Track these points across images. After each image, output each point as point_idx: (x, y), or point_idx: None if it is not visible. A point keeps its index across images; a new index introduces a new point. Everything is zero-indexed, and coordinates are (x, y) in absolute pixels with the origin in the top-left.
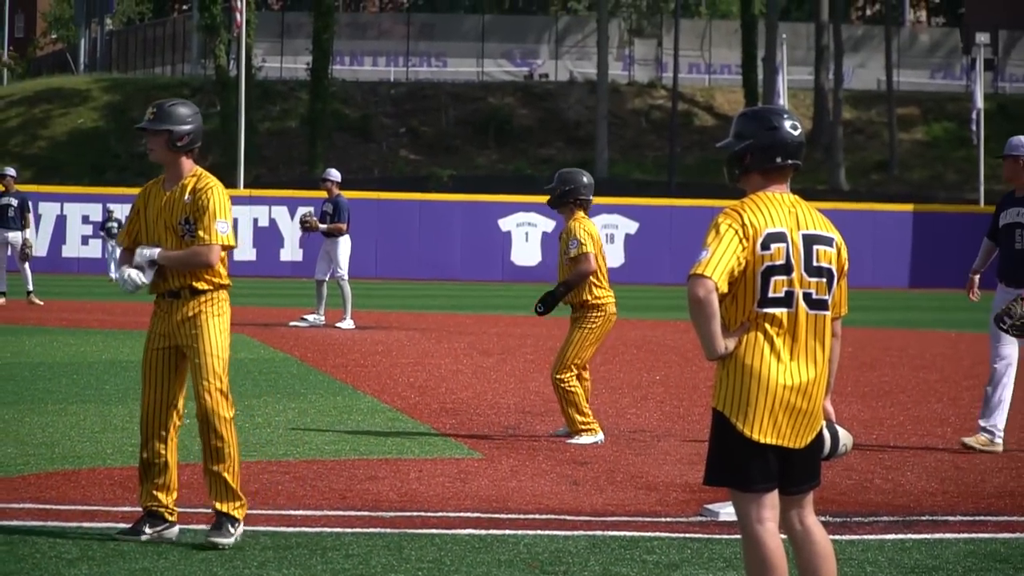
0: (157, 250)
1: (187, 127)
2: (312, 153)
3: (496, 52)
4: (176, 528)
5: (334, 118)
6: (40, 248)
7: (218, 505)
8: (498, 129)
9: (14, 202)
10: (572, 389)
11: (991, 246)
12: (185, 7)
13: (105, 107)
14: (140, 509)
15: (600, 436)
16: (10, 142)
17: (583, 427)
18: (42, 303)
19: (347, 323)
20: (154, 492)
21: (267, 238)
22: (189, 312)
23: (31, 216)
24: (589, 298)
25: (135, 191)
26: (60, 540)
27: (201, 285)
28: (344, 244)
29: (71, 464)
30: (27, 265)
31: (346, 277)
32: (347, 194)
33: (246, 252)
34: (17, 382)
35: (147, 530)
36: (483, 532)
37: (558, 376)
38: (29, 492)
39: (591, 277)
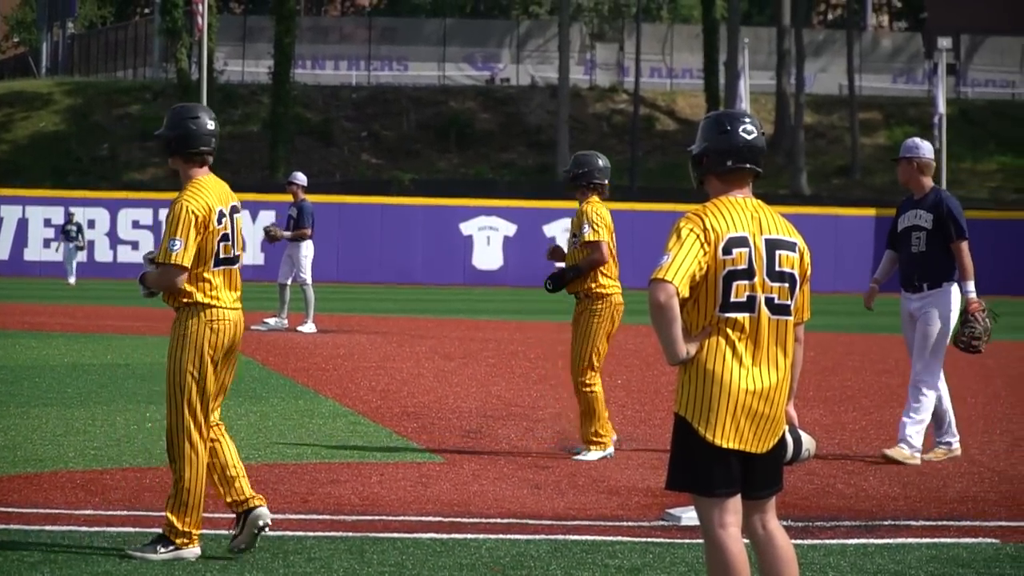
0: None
1: (160, 131)
2: (274, 157)
3: (458, 56)
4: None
5: (295, 122)
6: (1, 251)
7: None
8: (459, 133)
9: None
10: (595, 393)
11: (893, 255)
12: (147, 11)
13: (67, 110)
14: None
15: (611, 450)
16: None
17: (595, 440)
18: None
19: (309, 327)
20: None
21: None
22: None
23: None
24: (594, 286)
25: (97, 195)
26: (22, 544)
27: (170, 302)
28: (307, 248)
29: (33, 468)
30: None
31: (309, 281)
32: (309, 198)
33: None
34: None
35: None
36: (445, 536)
37: (582, 380)
38: None
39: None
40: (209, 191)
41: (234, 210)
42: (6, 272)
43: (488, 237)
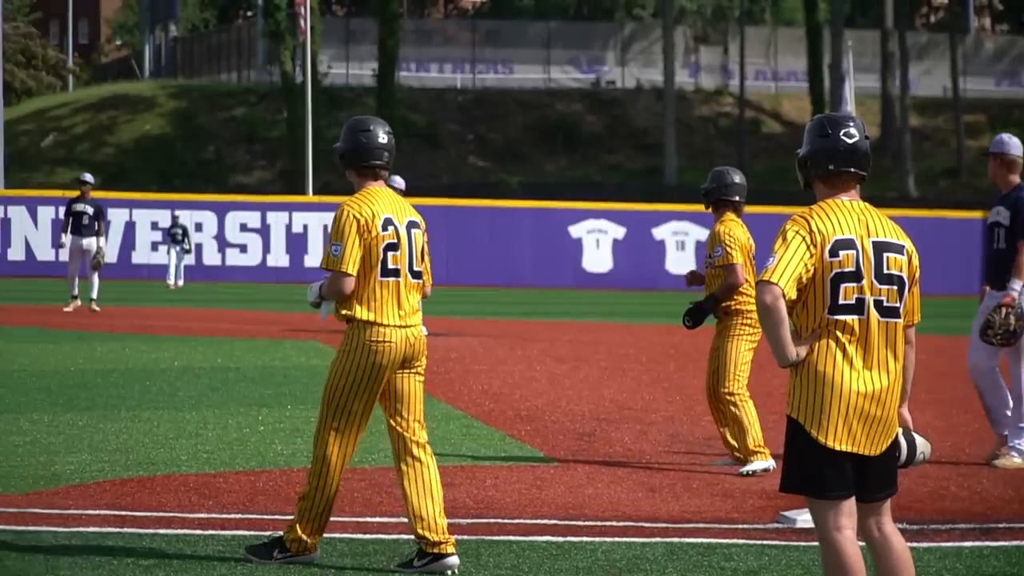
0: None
1: (337, 144)
2: None
3: (562, 59)
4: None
5: (401, 125)
6: (110, 254)
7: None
8: (566, 136)
9: (90, 210)
10: (744, 404)
11: None
12: (250, 13)
13: (171, 113)
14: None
15: (771, 462)
16: (77, 148)
17: (755, 451)
18: (99, 311)
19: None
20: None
21: None
22: None
23: (104, 224)
24: (733, 304)
25: (203, 198)
26: (137, 547)
27: (339, 315)
28: None
29: (145, 471)
30: (96, 273)
31: None
32: (415, 200)
33: (316, 259)
34: (90, 389)
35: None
36: (560, 539)
37: (726, 390)
38: (104, 499)
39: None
40: (375, 199)
41: (412, 225)
42: (114, 275)
43: (597, 240)
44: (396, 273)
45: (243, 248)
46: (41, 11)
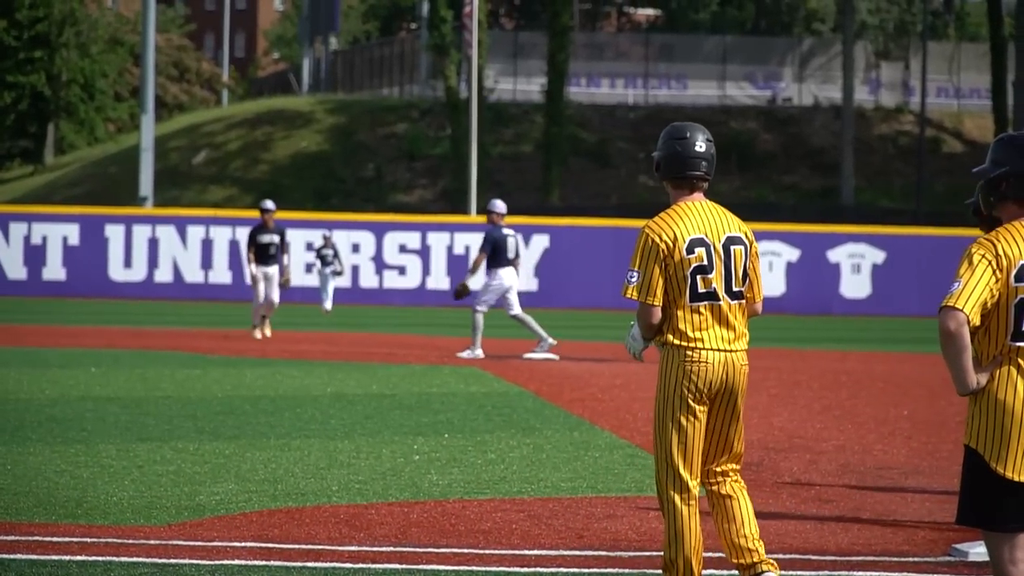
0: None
1: (655, 153)
2: (547, 178)
3: (738, 75)
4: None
5: (570, 142)
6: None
7: None
8: (740, 154)
9: (276, 239)
10: None
11: None
12: (413, 26)
13: (329, 129)
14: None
15: None
16: (231, 165)
17: None
18: (270, 335)
19: (475, 352)
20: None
21: None
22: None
23: (286, 244)
24: None
25: (361, 217)
26: None
27: (658, 339)
28: (490, 276)
29: (295, 501)
30: (276, 301)
31: (482, 309)
32: (583, 221)
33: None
34: (238, 416)
35: None
36: (726, 572)
37: None
38: (251, 530)
39: None
40: (684, 218)
41: (733, 241)
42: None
43: (771, 262)
44: (710, 296)
45: (402, 270)
46: (196, 23)
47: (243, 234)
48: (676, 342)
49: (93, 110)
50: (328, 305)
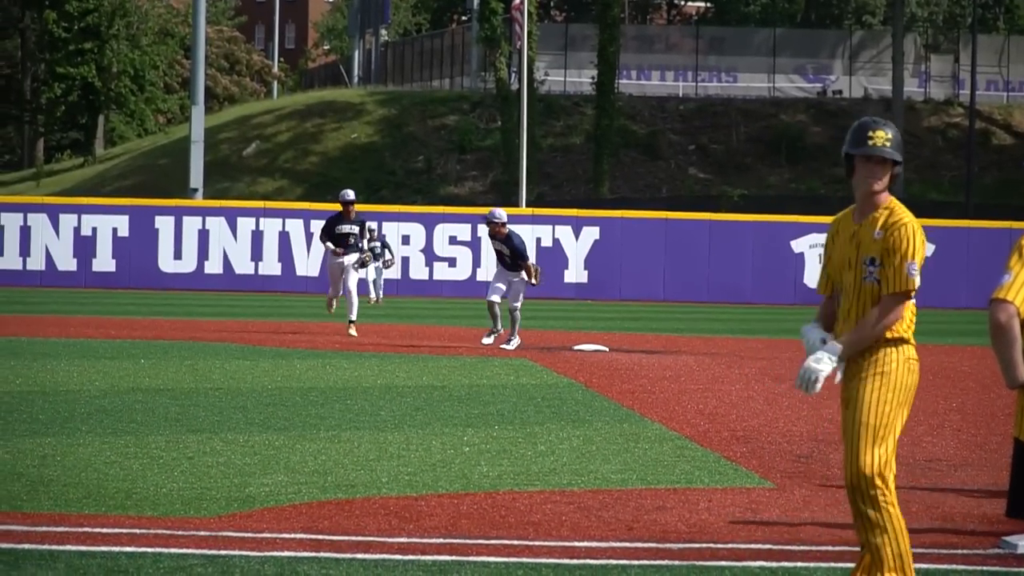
0: (839, 347)
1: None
2: (598, 170)
3: (788, 67)
4: None
5: (620, 134)
6: (313, 268)
7: None
8: (790, 147)
9: (356, 229)
10: None
11: None
12: (464, 18)
13: (380, 121)
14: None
15: None
16: (281, 157)
17: None
18: (356, 335)
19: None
20: None
21: (551, 258)
22: (858, 364)
23: (367, 231)
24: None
25: (412, 209)
26: (332, 572)
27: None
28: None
29: (344, 493)
30: (354, 293)
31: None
32: (634, 213)
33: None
34: (288, 407)
35: None
36: (775, 564)
37: None
38: (301, 522)
39: None
40: None
41: None
42: (318, 289)
43: (819, 255)
44: None
45: (452, 262)
46: (246, 15)
47: (294, 226)
48: (907, 337)
49: (143, 102)
50: (374, 296)
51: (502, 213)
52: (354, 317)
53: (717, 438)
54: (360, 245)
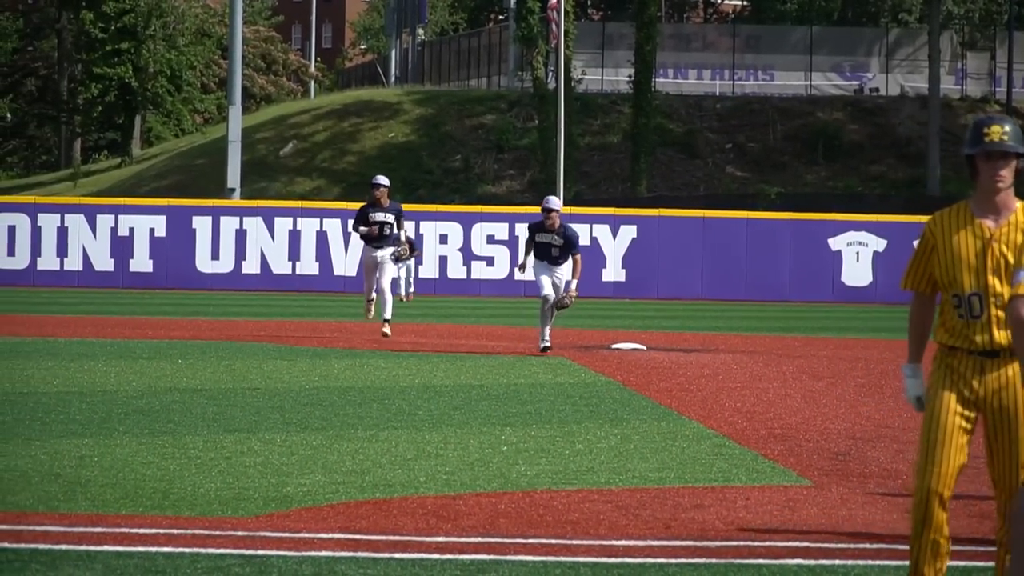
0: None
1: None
2: (635, 169)
3: (825, 65)
4: None
5: (658, 133)
6: (351, 267)
7: None
8: (827, 145)
9: (390, 218)
10: None
11: None
12: (501, 17)
13: (417, 120)
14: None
15: None
16: (318, 156)
17: None
18: (389, 335)
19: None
20: None
21: (589, 257)
22: (1005, 376)
23: (403, 220)
24: None
25: (449, 208)
26: (370, 571)
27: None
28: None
29: (382, 492)
30: (389, 291)
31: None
32: (671, 212)
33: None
34: (325, 407)
35: None
36: (812, 562)
37: None
38: (338, 521)
39: None
40: None
41: None
42: (353, 289)
43: (857, 252)
44: None
45: (490, 261)
46: (283, 15)
47: (332, 225)
48: None
49: (180, 102)
50: (403, 293)
51: (558, 200)
52: (389, 316)
53: (755, 436)
54: (396, 236)
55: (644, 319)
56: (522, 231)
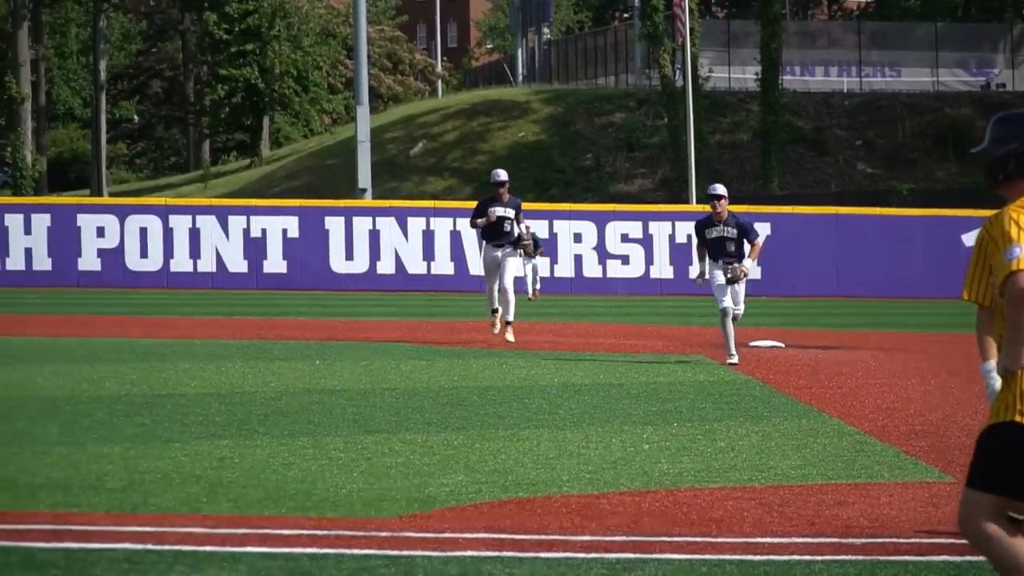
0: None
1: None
2: (766, 166)
3: (950, 61)
4: None
5: (787, 130)
6: (476, 266)
7: None
8: (956, 141)
9: (511, 213)
10: None
11: None
12: (626, 15)
13: (546, 119)
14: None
15: None
16: (448, 156)
17: None
18: (513, 341)
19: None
20: None
21: None
22: None
23: (522, 215)
24: None
25: (583, 207)
26: (516, 571)
27: None
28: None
29: (525, 492)
30: (511, 291)
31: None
32: (804, 209)
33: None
34: (466, 407)
35: None
36: (958, 558)
37: None
38: (482, 521)
39: None
40: None
41: None
42: (480, 288)
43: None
44: None
45: (625, 259)
46: (407, 14)
47: (465, 225)
48: None
49: (307, 102)
50: (531, 291)
51: (723, 186)
52: (511, 318)
53: (896, 433)
54: (519, 232)
55: (781, 316)
56: (657, 229)
